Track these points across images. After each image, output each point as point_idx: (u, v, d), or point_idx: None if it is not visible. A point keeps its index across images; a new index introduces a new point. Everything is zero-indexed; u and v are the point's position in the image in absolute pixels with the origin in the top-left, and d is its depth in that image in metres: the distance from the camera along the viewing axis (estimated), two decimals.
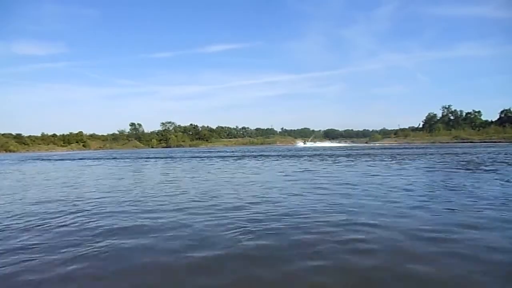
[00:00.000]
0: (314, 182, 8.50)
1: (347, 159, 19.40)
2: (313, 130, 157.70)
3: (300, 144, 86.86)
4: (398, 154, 23.63)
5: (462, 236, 3.64)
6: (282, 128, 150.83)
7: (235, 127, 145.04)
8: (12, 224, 4.65)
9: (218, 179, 10.02)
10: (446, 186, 7.47)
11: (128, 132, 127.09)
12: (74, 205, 6.06)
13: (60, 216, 5.07)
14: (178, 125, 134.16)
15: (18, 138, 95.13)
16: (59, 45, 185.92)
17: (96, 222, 4.65)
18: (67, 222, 4.67)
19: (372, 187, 7.42)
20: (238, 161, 20.32)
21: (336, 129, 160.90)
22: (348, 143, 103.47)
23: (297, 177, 9.99)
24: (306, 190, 7.13)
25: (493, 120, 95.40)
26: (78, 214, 5.19)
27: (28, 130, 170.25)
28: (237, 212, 5.11)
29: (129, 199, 6.61)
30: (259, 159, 22.10)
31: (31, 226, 4.51)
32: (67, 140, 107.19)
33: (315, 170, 12.28)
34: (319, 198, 6.10)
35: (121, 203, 6.15)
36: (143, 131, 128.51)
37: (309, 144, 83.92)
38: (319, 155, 25.74)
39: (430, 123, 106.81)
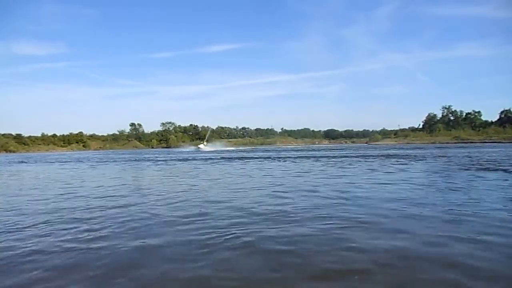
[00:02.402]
0: None
1: None
2: (313, 130, 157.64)
3: (201, 146, 69.40)
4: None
5: None
6: (282, 128, 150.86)
7: (235, 127, 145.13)
8: None
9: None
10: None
11: (128, 132, 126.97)
12: None
13: None
14: (178, 125, 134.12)
15: (18, 138, 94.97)
16: (59, 45, 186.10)
17: None
18: None
19: None
20: None
21: (336, 129, 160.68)
22: (251, 147, 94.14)
23: None
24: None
25: (493, 120, 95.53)
26: None
27: (28, 130, 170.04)
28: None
29: None
30: None
31: None
32: (67, 140, 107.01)
33: None
34: None
35: None
36: (143, 131, 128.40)
37: (203, 147, 68.93)
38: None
39: (430, 123, 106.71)
